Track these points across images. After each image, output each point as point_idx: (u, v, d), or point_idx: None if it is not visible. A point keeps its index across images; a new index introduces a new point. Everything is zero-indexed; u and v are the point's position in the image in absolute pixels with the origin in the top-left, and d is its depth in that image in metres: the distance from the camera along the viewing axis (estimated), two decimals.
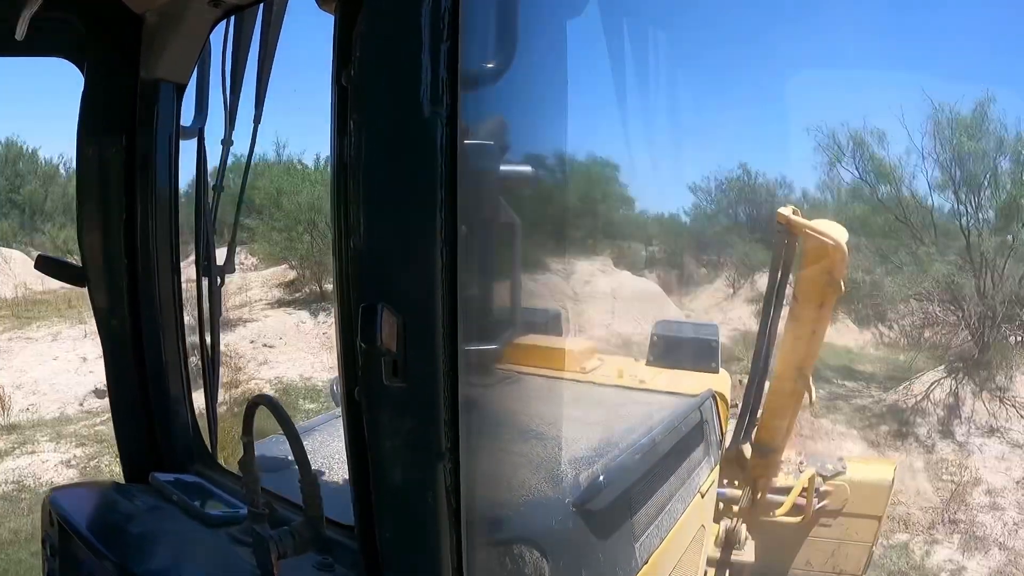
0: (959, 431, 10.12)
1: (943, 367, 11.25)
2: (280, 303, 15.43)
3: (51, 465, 8.81)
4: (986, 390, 10.54)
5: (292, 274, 16.26)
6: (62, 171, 23.00)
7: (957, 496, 8.68)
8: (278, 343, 13.22)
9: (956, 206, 11.44)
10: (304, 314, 14.51)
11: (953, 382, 10.84)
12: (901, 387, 11.44)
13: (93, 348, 12.47)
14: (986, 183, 11.10)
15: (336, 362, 1.20)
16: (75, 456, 9.06)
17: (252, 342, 12.97)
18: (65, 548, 1.72)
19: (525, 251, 1.26)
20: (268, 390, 10.38)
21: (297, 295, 15.75)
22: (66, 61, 1.89)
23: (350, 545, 1.49)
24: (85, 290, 1.94)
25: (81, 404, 11.27)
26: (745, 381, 4.02)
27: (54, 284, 16.42)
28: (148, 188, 1.91)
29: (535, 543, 1.47)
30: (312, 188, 15.27)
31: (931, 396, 10.78)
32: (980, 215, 11.20)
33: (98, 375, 11.61)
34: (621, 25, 2.10)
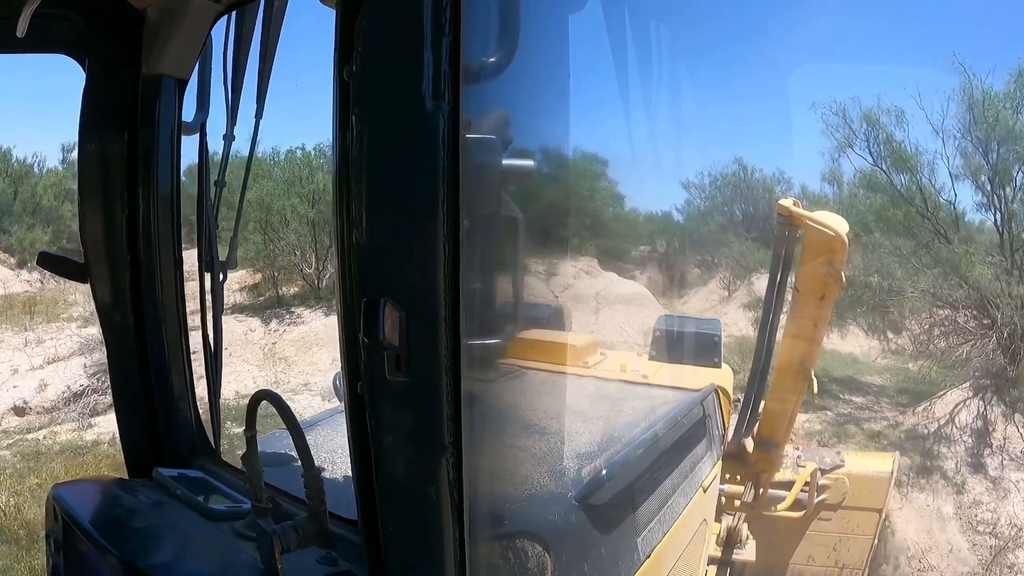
0: (991, 464, 8.81)
1: (968, 384, 9.96)
2: (234, 309, 14.40)
3: None
4: (1019, 412, 9.36)
5: (258, 277, 15.34)
6: (36, 170, 21.82)
7: (999, 558, 7.48)
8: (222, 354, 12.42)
9: (991, 198, 9.99)
10: (255, 322, 13.62)
11: (981, 402, 9.60)
12: (921, 407, 10.14)
13: (26, 359, 11.85)
14: (1020, 172, 9.77)
15: (339, 359, 1.20)
16: None
17: (195, 352, 11.95)
18: (69, 543, 1.72)
19: (527, 245, 1.26)
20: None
21: (260, 299, 14.88)
22: (55, 58, 1.89)
23: (353, 539, 1.50)
24: (38, 296, 1.93)
25: None
26: (742, 399, 4.02)
27: (16, 288, 15.70)
28: (150, 184, 1.92)
29: (538, 537, 1.47)
30: (263, 183, 13.99)
31: (956, 419, 9.54)
32: (1012, 208, 9.86)
33: (22, 390, 10.94)
34: (623, 19, 2.10)
